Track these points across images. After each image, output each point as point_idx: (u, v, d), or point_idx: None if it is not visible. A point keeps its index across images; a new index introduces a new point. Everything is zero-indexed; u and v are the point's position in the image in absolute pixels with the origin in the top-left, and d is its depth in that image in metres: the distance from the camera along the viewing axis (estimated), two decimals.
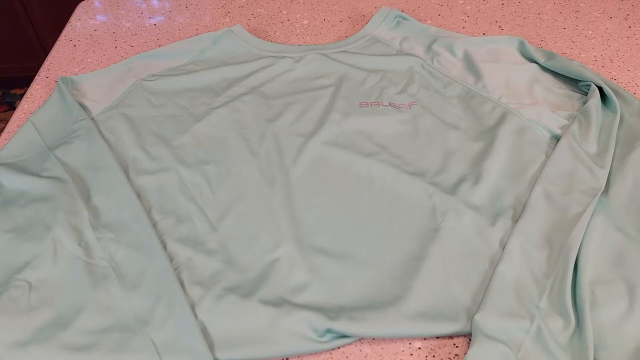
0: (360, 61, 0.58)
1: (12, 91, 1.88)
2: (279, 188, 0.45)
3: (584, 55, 0.60)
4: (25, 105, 0.57)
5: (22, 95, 0.52)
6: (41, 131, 0.50)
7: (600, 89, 0.51)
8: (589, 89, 0.52)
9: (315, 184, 0.46)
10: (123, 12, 0.71)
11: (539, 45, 0.62)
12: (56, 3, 1.45)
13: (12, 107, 1.83)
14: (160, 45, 0.64)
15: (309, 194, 0.45)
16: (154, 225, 0.42)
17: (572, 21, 0.66)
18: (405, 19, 0.63)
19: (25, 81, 0.60)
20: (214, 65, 0.58)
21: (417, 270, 0.39)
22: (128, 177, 0.46)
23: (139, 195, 0.45)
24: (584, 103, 0.50)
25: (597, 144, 0.47)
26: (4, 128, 0.54)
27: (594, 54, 0.61)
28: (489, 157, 0.46)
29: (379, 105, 0.53)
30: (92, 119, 0.52)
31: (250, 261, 0.40)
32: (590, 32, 0.64)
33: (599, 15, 0.67)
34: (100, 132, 0.50)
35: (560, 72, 0.54)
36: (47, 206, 0.43)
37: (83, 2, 0.74)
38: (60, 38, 0.67)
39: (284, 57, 0.58)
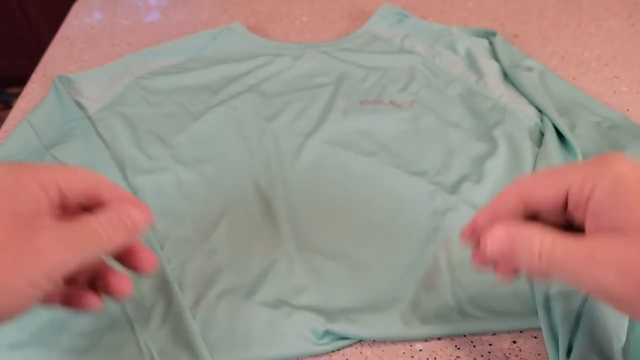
0: (360, 59, 0.57)
1: (9, 90, 1.87)
2: (278, 188, 0.44)
3: (587, 53, 0.60)
4: (22, 104, 0.56)
5: (18, 93, 0.52)
6: (38, 130, 0.49)
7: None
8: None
9: (315, 184, 0.45)
10: (120, 9, 0.71)
11: (542, 44, 0.61)
12: (52, 1, 1.44)
13: (9, 106, 1.83)
14: (157, 43, 0.64)
15: (308, 194, 0.44)
16: (151, 226, 0.42)
17: (575, 19, 0.65)
18: (406, 16, 0.62)
19: (21, 79, 0.59)
20: (212, 63, 0.57)
21: (418, 271, 0.38)
22: (125, 177, 0.45)
23: (135, 195, 0.44)
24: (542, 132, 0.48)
25: None
26: (0, 127, 0.53)
27: (597, 51, 0.60)
28: (490, 157, 0.46)
29: (379, 104, 0.52)
30: (89, 118, 0.51)
31: (248, 262, 0.39)
32: (593, 29, 0.64)
33: (602, 12, 0.66)
34: (97, 131, 0.49)
35: (517, 87, 0.52)
36: None
37: (80, 0, 0.73)
38: (57, 36, 0.66)
39: (283, 55, 0.58)
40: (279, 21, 0.67)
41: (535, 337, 0.35)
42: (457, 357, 0.35)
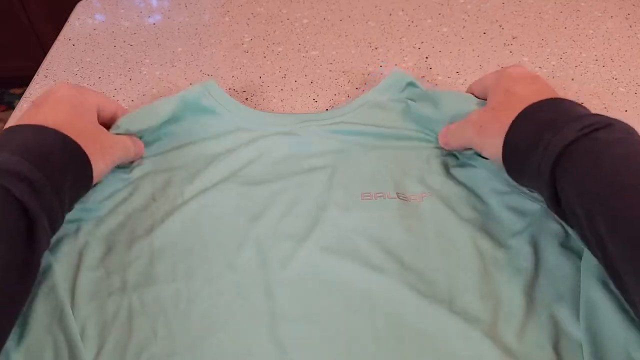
0: (361, 135, 0.48)
1: (11, 90, 1.88)
2: (262, 314, 0.36)
3: (584, 55, 0.60)
4: (24, 105, 0.56)
5: (21, 94, 0.52)
6: None
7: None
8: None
9: (306, 310, 0.36)
10: (122, 11, 0.71)
11: (541, 45, 0.62)
12: (55, 2, 1.45)
13: (11, 107, 1.83)
14: (159, 45, 0.64)
15: (298, 324, 0.35)
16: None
17: (573, 20, 0.66)
18: (416, 86, 0.52)
19: (23, 81, 0.60)
20: (182, 142, 0.48)
21: None
22: (73, 305, 0.36)
23: (82, 334, 0.35)
24: None
25: None
26: (2, 128, 0.54)
27: (594, 53, 0.60)
28: (516, 279, 0.37)
29: (384, 198, 0.42)
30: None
31: None
32: (591, 31, 0.64)
33: (599, 14, 0.67)
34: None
35: None
36: None
37: (82, 2, 0.73)
38: (59, 37, 0.67)
39: (270, 130, 0.49)
40: (279, 23, 0.68)
41: None
42: None
